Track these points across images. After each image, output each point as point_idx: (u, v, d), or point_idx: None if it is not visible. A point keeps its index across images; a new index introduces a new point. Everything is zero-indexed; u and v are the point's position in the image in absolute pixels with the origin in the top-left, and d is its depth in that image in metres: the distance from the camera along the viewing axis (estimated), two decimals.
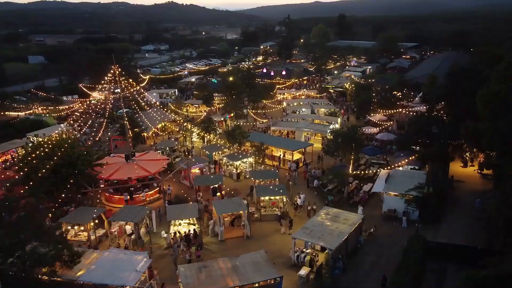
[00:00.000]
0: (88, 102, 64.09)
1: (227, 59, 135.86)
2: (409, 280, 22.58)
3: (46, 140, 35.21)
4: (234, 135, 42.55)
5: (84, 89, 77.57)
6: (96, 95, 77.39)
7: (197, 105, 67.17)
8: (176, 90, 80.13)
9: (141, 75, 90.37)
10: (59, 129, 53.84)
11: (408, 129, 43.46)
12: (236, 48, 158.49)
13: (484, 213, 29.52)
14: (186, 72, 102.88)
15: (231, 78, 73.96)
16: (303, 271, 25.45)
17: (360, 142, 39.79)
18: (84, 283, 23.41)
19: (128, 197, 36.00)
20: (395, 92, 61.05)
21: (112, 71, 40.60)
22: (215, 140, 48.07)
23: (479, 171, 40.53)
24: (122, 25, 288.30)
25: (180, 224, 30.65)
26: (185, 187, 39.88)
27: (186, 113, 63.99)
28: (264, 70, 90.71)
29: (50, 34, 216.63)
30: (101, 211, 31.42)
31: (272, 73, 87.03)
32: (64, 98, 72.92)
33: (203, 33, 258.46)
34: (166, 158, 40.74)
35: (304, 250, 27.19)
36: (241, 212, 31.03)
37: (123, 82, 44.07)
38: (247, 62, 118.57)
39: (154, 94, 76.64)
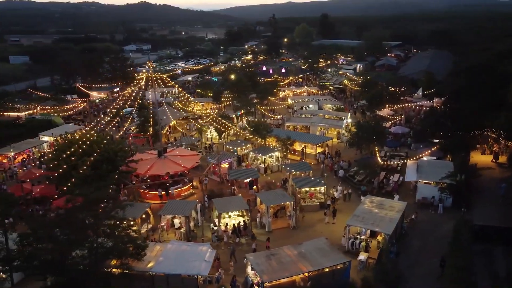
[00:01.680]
0: (94, 101, 62.97)
1: (215, 58, 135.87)
2: (467, 261, 23.87)
3: (80, 137, 34.79)
4: (259, 129, 43.10)
5: (83, 88, 76.25)
6: (95, 94, 76.35)
7: (203, 103, 67.19)
8: (176, 89, 79.64)
9: (136, 75, 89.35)
10: (70, 128, 53.09)
11: (424, 122, 45.17)
12: (222, 47, 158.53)
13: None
14: (180, 71, 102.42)
15: (232, 76, 74.40)
16: (362, 256, 26.38)
17: (383, 135, 41.23)
18: (156, 274, 23.60)
19: (163, 192, 36.05)
20: (393, 89, 62.89)
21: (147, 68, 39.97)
22: (229, 136, 48.70)
23: (494, 160, 42.68)
24: (97, 25, 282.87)
25: (230, 217, 31.00)
26: (214, 182, 40.11)
27: (193, 111, 63.99)
28: (264, 68, 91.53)
29: (23, 34, 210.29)
30: (147, 206, 31.38)
31: (270, 71, 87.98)
32: (69, 97, 71.42)
33: (183, 33, 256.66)
34: (196, 154, 40.87)
35: (358, 236, 28.13)
36: (287, 203, 31.69)
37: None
38: (237, 61, 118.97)
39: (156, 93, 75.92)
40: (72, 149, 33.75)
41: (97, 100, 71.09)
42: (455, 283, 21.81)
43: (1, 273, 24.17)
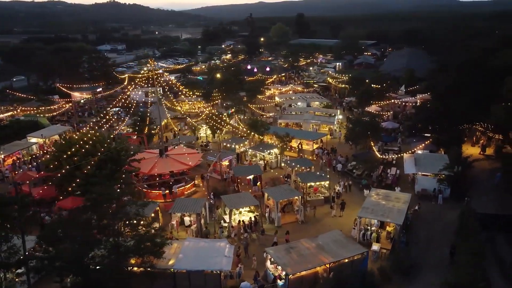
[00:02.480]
0: (79, 102, 61.52)
1: (194, 57, 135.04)
2: (479, 246, 24.99)
3: (82, 136, 34.05)
4: (257, 126, 43.36)
5: (64, 89, 74.22)
6: (77, 95, 74.58)
7: (191, 102, 66.79)
8: (160, 88, 78.73)
9: (117, 75, 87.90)
10: (59, 129, 51.88)
11: (416, 117, 46.60)
12: (199, 47, 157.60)
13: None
14: (161, 71, 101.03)
15: (218, 75, 74.31)
16: (376, 246, 27.11)
17: (378, 130, 42.33)
18: (177, 271, 23.48)
19: (167, 191, 35.78)
20: (379, 86, 64.55)
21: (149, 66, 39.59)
22: (223, 135, 48.81)
23: (482, 152, 44.57)
24: (66, 24, 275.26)
25: (240, 213, 31.11)
26: (215, 180, 40.00)
27: (181, 110, 63.68)
28: (249, 67, 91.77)
29: None
30: (156, 205, 31.05)
31: (255, 70, 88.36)
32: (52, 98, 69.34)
33: (156, 32, 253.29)
34: (198, 152, 40.71)
35: (368, 228, 28.85)
36: (295, 198, 32.11)
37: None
38: (217, 61, 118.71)
39: (140, 93, 74.94)
40: (73, 149, 33.01)
41: (82, 101, 69.34)
42: (468, 268, 22.76)
43: (15, 277, 23.42)
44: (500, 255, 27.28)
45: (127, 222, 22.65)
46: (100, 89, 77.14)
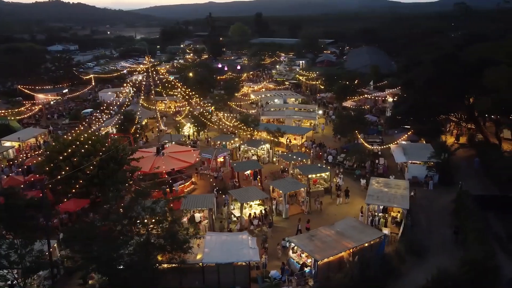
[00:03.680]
0: (49, 103, 58.72)
1: (154, 57, 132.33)
2: (483, 224, 27.10)
3: (80, 137, 32.87)
4: (248, 122, 43.78)
5: (27, 91, 70.31)
6: (41, 96, 71.06)
7: (166, 101, 65.89)
8: (130, 88, 76.82)
9: (81, 76, 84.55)
10: (35, 132, 49.49)
11: (395, 110, 49.01)
12: (158, 47, 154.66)
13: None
14: (125, 71, 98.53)
15: (191, 74, 73.80)
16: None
17: (365, 123, 44.23)
18: (206, 265, 23.50)
19: (168, 189, 35.30)
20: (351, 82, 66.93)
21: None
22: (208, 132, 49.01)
23: (456, 141, 47.80)
24: (6, 24, 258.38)
25: (251, 206, 31.43)
26: (207, 178, 39.78)
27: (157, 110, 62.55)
28: (219, 65, 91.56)
29: None
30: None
31: (225, 68, 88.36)
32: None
33: (108, 33, 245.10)
34: (193, 149, 40.46)
35: (376, 214, 30.25)
36: (302, 189, 32.93)
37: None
38: (180, 60, 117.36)
39: (109, 93, 72.85)
40: (70, 150, 31.77)
41: (52, 102, 66.10)
42: (478, 245, 24.68)
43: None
44: (495, 231, 29.65)
45: (155, 219, 22.44)
46: (66, 90, 73.90)
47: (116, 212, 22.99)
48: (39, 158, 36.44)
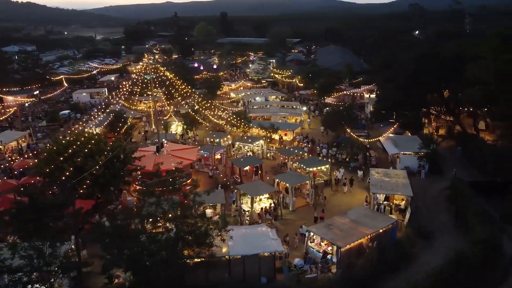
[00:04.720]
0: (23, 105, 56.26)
1: (119, 58, 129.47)
2: (481, 208, 29.04)
3: (81, 137, 32.00)
4: (244, 119, 44.16)
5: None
6: (10, 98, 67.88)
7: (146, 102, 64.87)
8: (106, 89, 74.92)
9: (50, 77, 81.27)
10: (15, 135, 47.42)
11: (379, 105, 50.95)
12: (123, 47, 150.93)
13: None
14: (95, 72, 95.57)
15: (168, 74, 72.78)
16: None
17: (353, 118, 45.83)
18: (233, 257, 23.74)
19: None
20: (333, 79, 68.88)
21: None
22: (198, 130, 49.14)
23: (435, 133, 50.46)
24: None
25: (260, 200, 31.84)
26: (203, 175, 39.73)
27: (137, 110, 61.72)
28: (196, 65, 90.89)
29: None
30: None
31: (201, 68, 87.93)
32: None
33: (66, 33, 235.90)
34: (192, 147, 40.27)
35: (381, 202, 31.57)
36: (307, 182, 33.75)
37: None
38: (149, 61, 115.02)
39: (84, 94, 70.65)
40: (70, 150, 30.87)
41: (26, 104, 63.12)
42: (482, 226, 26.47)
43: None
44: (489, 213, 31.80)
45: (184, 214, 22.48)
46: (37, 92, 70.86)
47: (131, 211, 22.83)
48: (31, 163, 35.07)
